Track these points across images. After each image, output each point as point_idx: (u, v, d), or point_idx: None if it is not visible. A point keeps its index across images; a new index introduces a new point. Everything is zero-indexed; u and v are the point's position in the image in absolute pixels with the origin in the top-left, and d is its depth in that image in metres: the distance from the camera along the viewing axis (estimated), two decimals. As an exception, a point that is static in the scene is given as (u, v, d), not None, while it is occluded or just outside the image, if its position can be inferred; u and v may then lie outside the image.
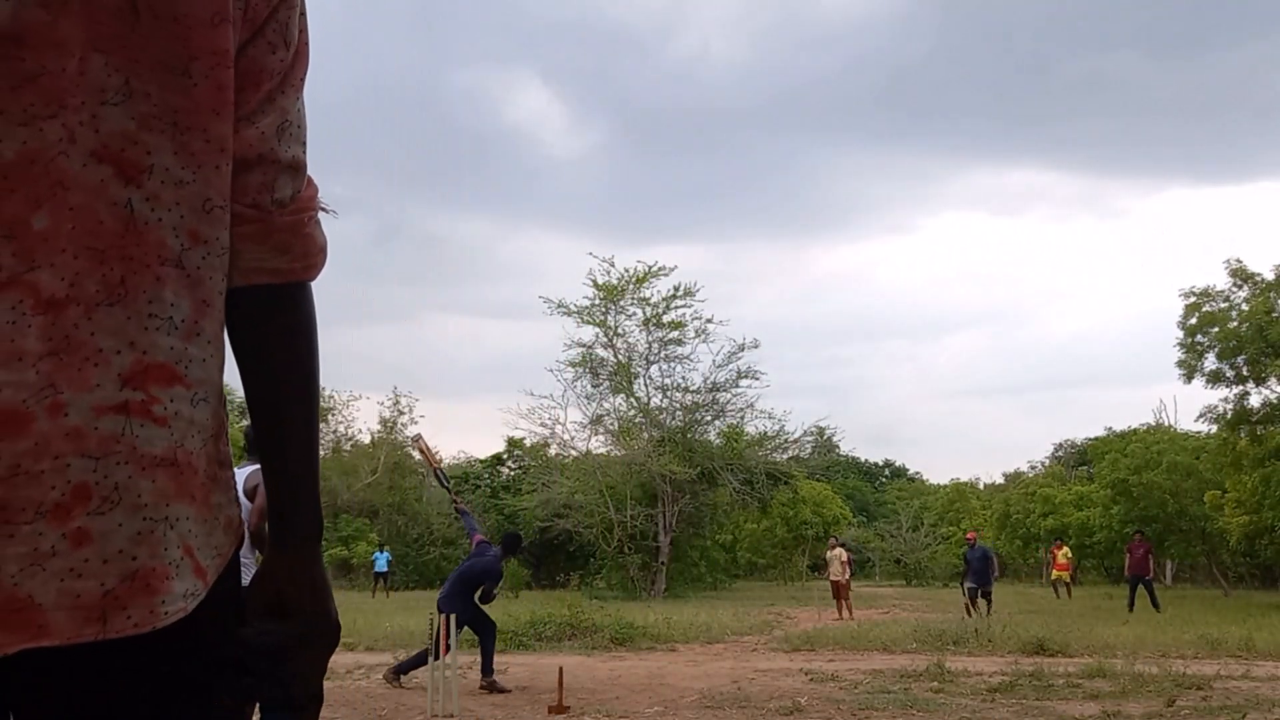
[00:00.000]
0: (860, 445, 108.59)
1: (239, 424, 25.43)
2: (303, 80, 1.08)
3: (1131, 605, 21.50)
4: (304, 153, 1.08)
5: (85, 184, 0.90)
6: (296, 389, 1.06)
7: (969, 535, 22.23)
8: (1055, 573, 29.56)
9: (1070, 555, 30.95)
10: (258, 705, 1.06)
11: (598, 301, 29.87)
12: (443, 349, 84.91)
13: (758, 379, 30.16)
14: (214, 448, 0.99)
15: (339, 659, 11.79)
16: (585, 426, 30.97)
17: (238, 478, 5.74)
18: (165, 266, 0.94)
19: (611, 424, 30.74)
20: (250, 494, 5.08)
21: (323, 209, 1.12)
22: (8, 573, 0.86)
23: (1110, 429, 42.38)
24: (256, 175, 1.04)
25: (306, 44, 1.09)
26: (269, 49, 1.03)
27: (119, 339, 0.91)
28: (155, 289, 0.93)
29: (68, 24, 0.90)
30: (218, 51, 0.97)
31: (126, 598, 0.89)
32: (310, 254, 1.09)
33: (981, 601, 20.16)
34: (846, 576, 21.16)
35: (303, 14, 1.08)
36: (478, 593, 9.21)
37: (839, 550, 21.83)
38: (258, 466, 3.92)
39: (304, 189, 1.08)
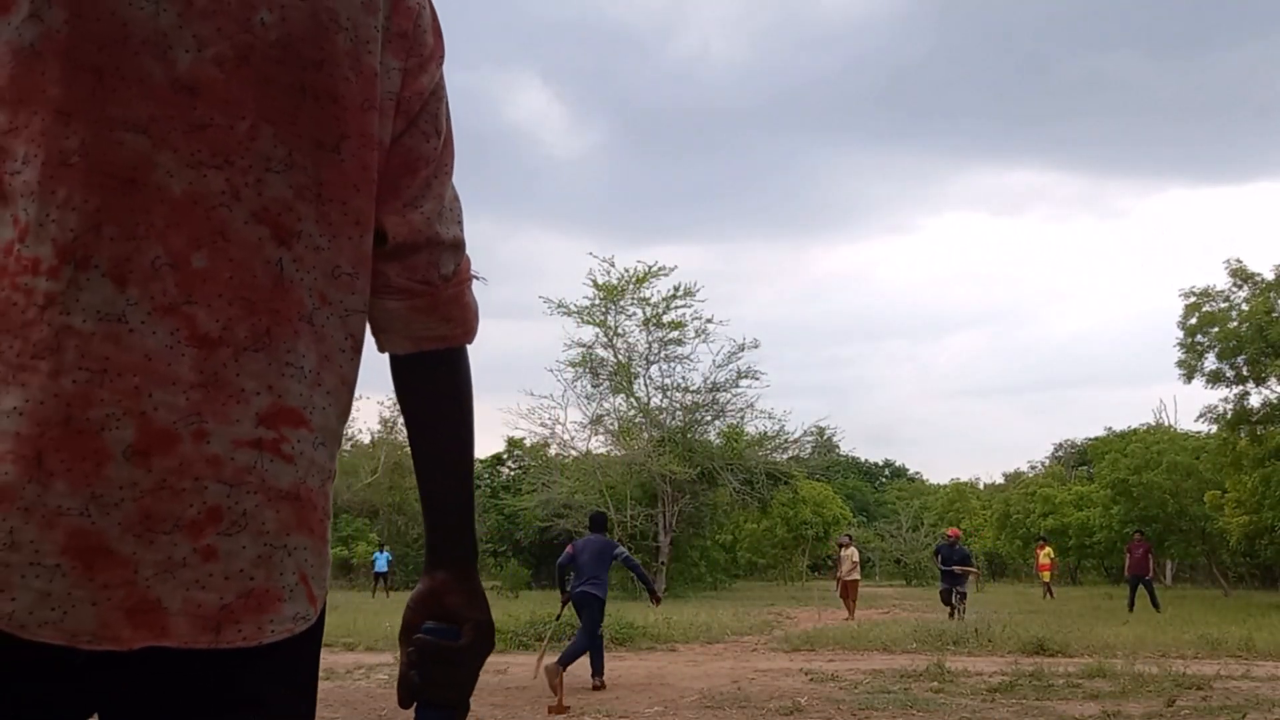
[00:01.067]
0: (860, 445, 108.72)
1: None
2: (452, 166, 1.22)
3: (1131, 605, 21.50)
4: (462, 231, 1.22)
5: (245, 240, 0.99)
6: (462, 441, 1.22)
7: (951, 531, 21.32)
8: (1040, 573, 29.61)
9: (1053, 555, 30.94)
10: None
11: (598, 301, 29.88)
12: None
13: (758, 379, 30.18)
14: (328, 494, 1.09)
15: (339, 659, 11.79)
16: (585, 426, 30.98)
17: None
18: (301, 322, 1.03)
19: (611, 424, 30.75)
20: None
21: (475, 277, 1.25)
22: (143, 575, 0.94)
23: (1110, 429, 42.43)
24: (424, 255, 1.16)
25: (452, 133, 1.22)
26: (423, 138, 1.16)
27: (259, 382, 0.99)
28: (292, 341, 1.02)
29: (239, 88, 1.00)
30: (366, 134, 1.08)
31: (240, 613, 0.98)
32: (469, 321, 1.23)
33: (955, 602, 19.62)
34: (857, 576, 21.18)
35: (447, 105, 1.22)
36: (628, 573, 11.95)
37: (852, 549, 21.81)
38: None
39: (464, 264, 1.22)
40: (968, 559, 19.32)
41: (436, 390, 1.21)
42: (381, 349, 1.22)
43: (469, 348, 1.25)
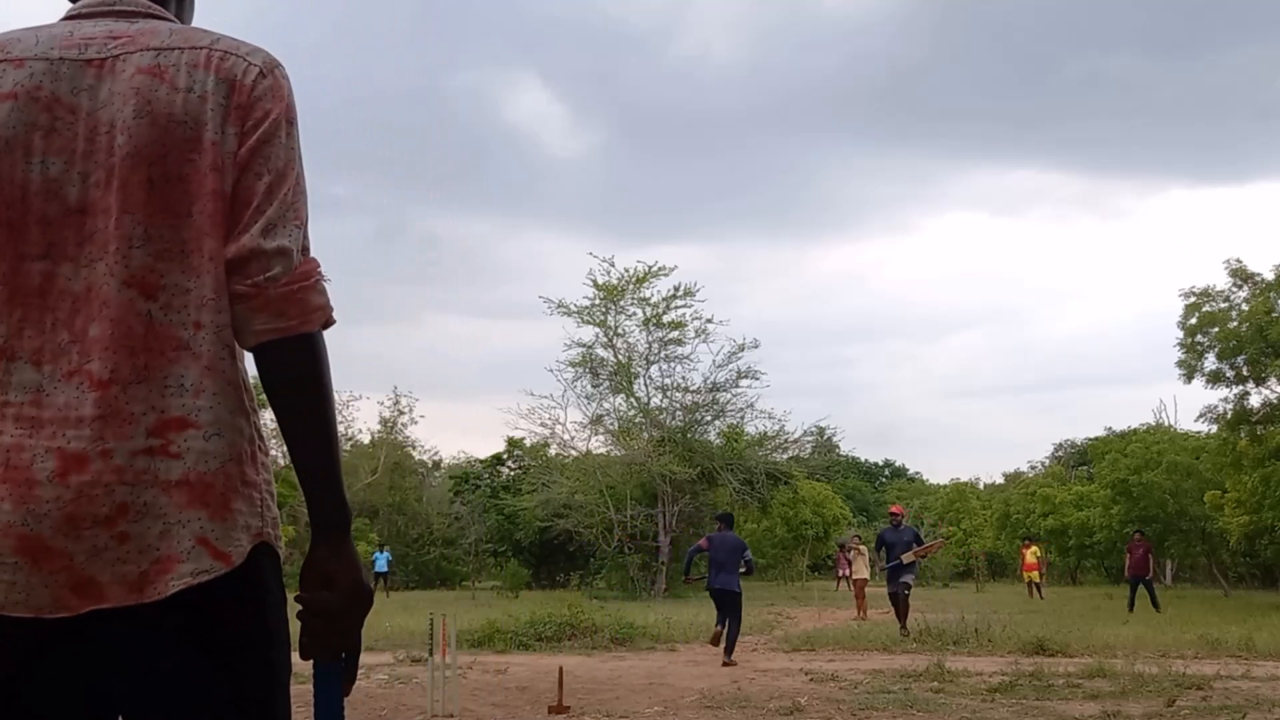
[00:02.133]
0: (860, 445, 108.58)
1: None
2: (291, 188, 1.47)
3: (1131, 605, 21.50)
4: (294, 237, 1.45)
5: (120, 303, 1.38)
6: (312, 419, 1.44)
7: (894, 509, 16.56)
8: (1025, 573, 29.58)
9: (1040, 554, 30.90)
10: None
11: (598, 301, 29.88)
12: (443, 349, 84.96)
13: (758, 379, 30.17)
14: (235, 469, 1.41)
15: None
16: (585, 426, 31.00)
17: None
18: (176, 351, 1.39)
19: (611, 424, 30.75)
20: None
21: (321, 279, 1.47)
22: (77, 561, 1.32)
23: (1110, 429, 42.43)
24: (253, 265, 1.42)
25: (292, 162, 1.48)
26: (255, 178, 1.45)
27: (145, 404, 1.37)
28: (169, 368, 1.39)
29: (109, 197, 1.40)
30: (213, 191, 1.42)
31: (154, 575, 1.34)
32: (306, 313, 1.44)
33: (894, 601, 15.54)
34: (866, 575, 21.19)
35: (289, 135, 1.49)
36: (742, 567, 12.05)
37: (862, 546, 21.77)
38: None
39: (298, 266, 1.44)
40: (919, 540, 15.15)
41: (283, 375, 1.44)
42: (240, 347, 1.46)
43: (325, 335, 1.49)
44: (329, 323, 1.48)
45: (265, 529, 1.44)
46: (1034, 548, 30.58)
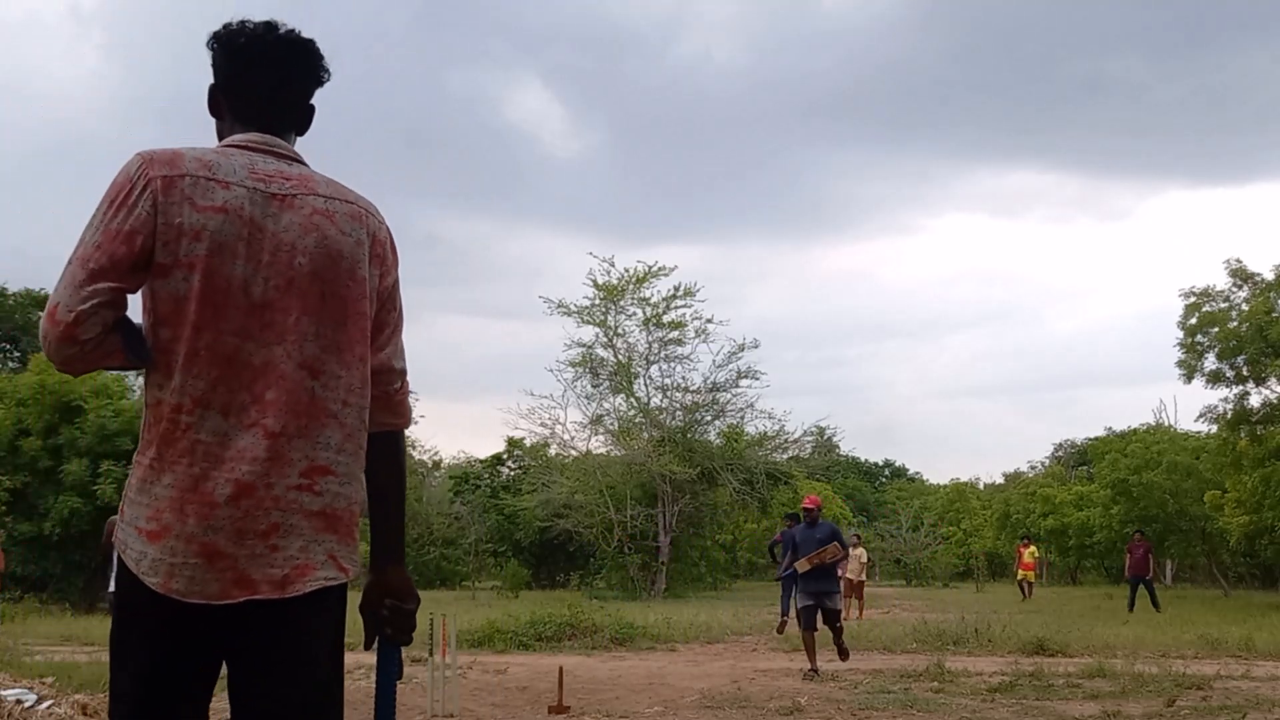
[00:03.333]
0: (860, 445, 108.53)
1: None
2: (403, 326, 2.13)
3: (1131, 605, 21.49)
4: (405, 364, 2.12)
5: (293, 379, 1.92)
6: (397, 487, 2.13)
7: (809, 501, 11.95)
8: (1020, 572, 29.60)
9: (1036, 554, 30.85)
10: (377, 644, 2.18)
11: (598, 301, 29.85)
12: (443, 349, 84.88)
13: (758, 379, 30.14)
14: (354, 511, 2.00)
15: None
16: (585, 426, 30.96)
17: None
18: (329, 418, 1.96)
19: (611, 424, 30.72)
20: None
21: (412, 393, 2.17)
22: (240, 563, 1.86)
23: (1110, 429, 42.39)
24: (385, 376, 2.09)
25: (402, 306, 2.14)
26: (388, 312, 2.11)
27: (301, 454, 1.92)
28: (321, 430, 1.95)
29: (289, 299, 1.94)
30: (362, 314, 2.02)
31: (294, 577, 1.90)
32: (407, 415, 2.16)
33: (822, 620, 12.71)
34: (863, 576, 21.20)
35: (399, 290, 2.13)
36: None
37: (860, 550, 21.82)
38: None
39: (404, 381, 2.13)
40: (836, 537, 10.99)
41: (386, 455, 2.11)
42: (372, 424, 2.08)
43: (406, 432, 2.20)
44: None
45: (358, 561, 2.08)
46: (1031, 547, 30.60)
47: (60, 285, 1.87)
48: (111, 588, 2.03)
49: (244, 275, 1.91)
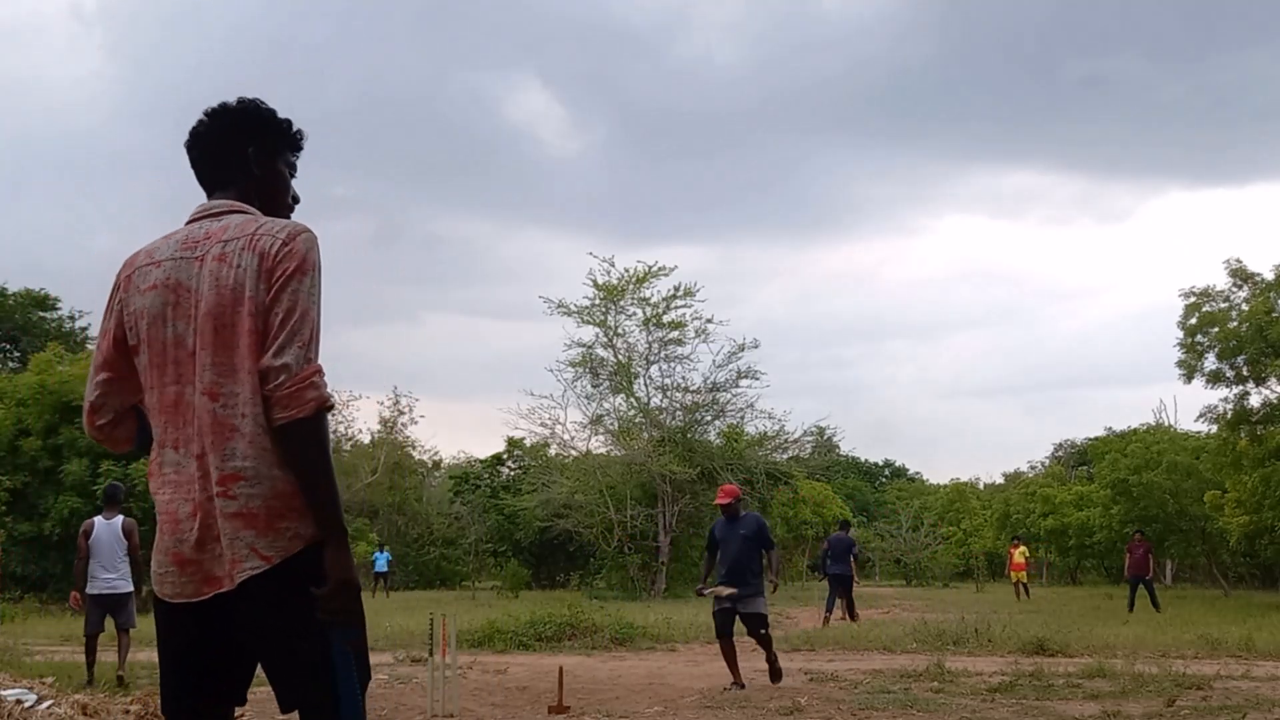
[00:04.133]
0: (860, 445, 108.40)
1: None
2: (296, 312, 2.29)
3: (1131, 605, 21.49)
4: (296, 355, 2.26)
5: (201, 406, 2.30)
6: (313, 472, 2.28)
7: (724, 493, 9.82)
8: (1013, 574, 29.59)
9: (1027, 554, 30.78)
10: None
11: (598, 301, 29.84)
12: (443, 349, 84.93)
13: (758, 379, 30.11)
14: (276, 502, 2.28)
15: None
16: (585, 426, 30.95)
17: (107, 528, 9.82)
18: (233, 432, 2.28)
19: (611, 424, 30.71)
20: (127, 535, 9.52)
21: (315, 379, 2.28)
22: (205, 565, 2.28)
23: (1110, 429, 42.39)
24: (265, 375, 2.27)
25: (299, 299, 2.31)
26: (273, 316, 2.29)
27: (214, 465, 2.27)
28: (229, 443, 2.28)
29: (200, 341, 2.31)
30: (250, 331, 2.28)
31: (232, 570, 2.26)
32: (302, 405, 2.25)
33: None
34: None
35: (299, 282, 2.32)
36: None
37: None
38: (123, 518, 9.84)
39: (298, 373, 2.26)
40: (762, 532, 9.53)
41: (289, 446, 2.28)
42: (270, 424, 2.28)
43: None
44: (326, 407, 2.26)
45: (315, 536, 2.28)
46: (1022, 547, 30.63)
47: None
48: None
49: (177, 333, 2.36)
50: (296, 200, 2.66)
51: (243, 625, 2.31)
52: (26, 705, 6.21)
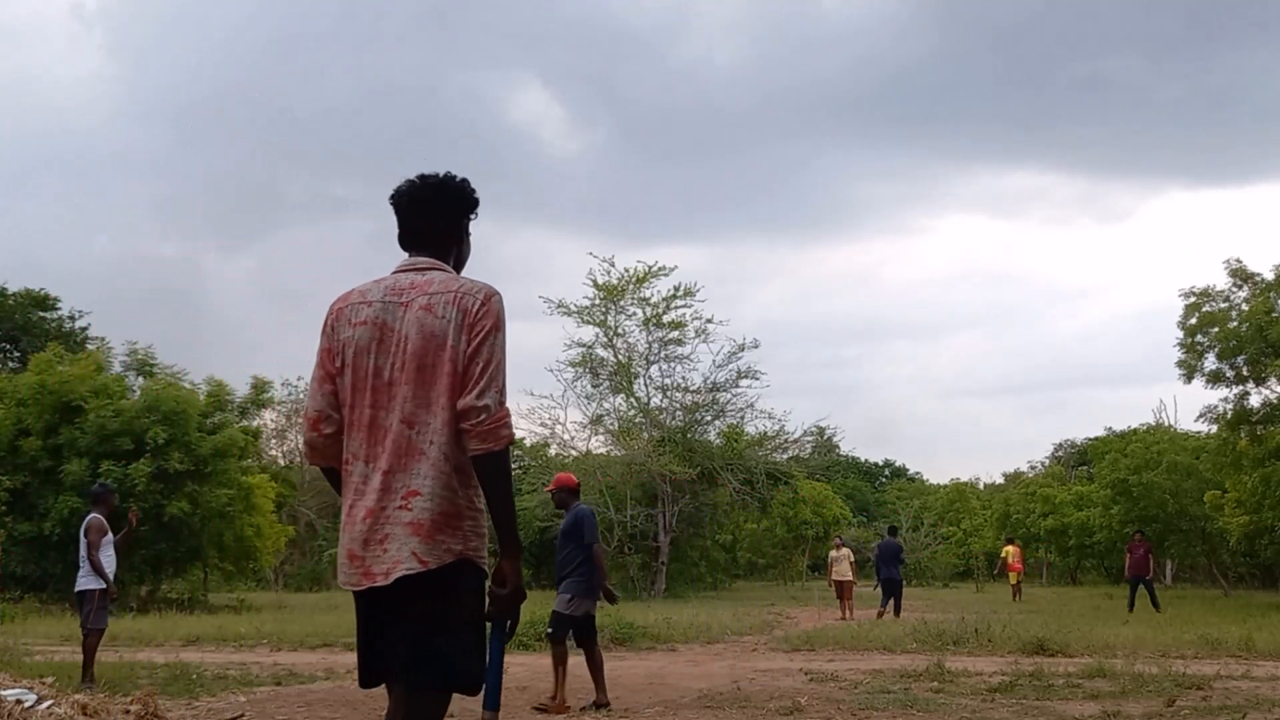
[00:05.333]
0: (860, 445, 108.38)
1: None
2: (492, 366, 2.77)
3: (1131, 605, 21.49)
4: (492, 398, 2.74)
5: (395, 432, 2.79)
6: (498, 496, 2.78)
7: (560, 479, 8.96)
8: (1011, 574, 29.59)
9: (1014, 554, 30.63)
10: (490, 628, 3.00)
11: (598, 301, 29.85)
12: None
13: (758, 379, 30.13)
14: (440, 519, 2.74)
15: (339, 659, 11.80)
16: (585, 426, 30.97)
17: (111, 533, 9.83)
18: (420, 456, 2.76)
19: (611, 424, 30.72)
20: (85, 534, 9.48)
21: (504, 421, 2.74)
22: (367, 562, 2.77)
23: (1110, 429, 42.40)
24: (465, 415, 2.73)
25: (494, 351, 2.78)
26: (475, 364, 2.75)
27: (401, 483, 2.77)
28: (415, 465, 2.77)
29: (402, 375, 2.80)
30: (449, 375, 2.76)
31: (392, 569, 2.73)
32: (497, 440, 2.73)
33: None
34: (850, 577, 21.25)
35: (494, 338, 2.79)
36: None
37: (846, 550, 21.87)
38: (90, 515, 9.80)
39: (494, 414, 2.73)
40: (580, 525, 8.48)
41: (483, 472, 2.77)
42: (462, 454, 2.78)
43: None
44: (511, 441, 2.74)
45: (465, 552, 2.77)
46: (1009, 547, 30.67)
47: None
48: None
49: (377, 365, 2.82)
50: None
51: (393, 615, 2.77)
52: (26, 705, 6.20)
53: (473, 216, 3.10)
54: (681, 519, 29.42)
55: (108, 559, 9.56)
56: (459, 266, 3.05)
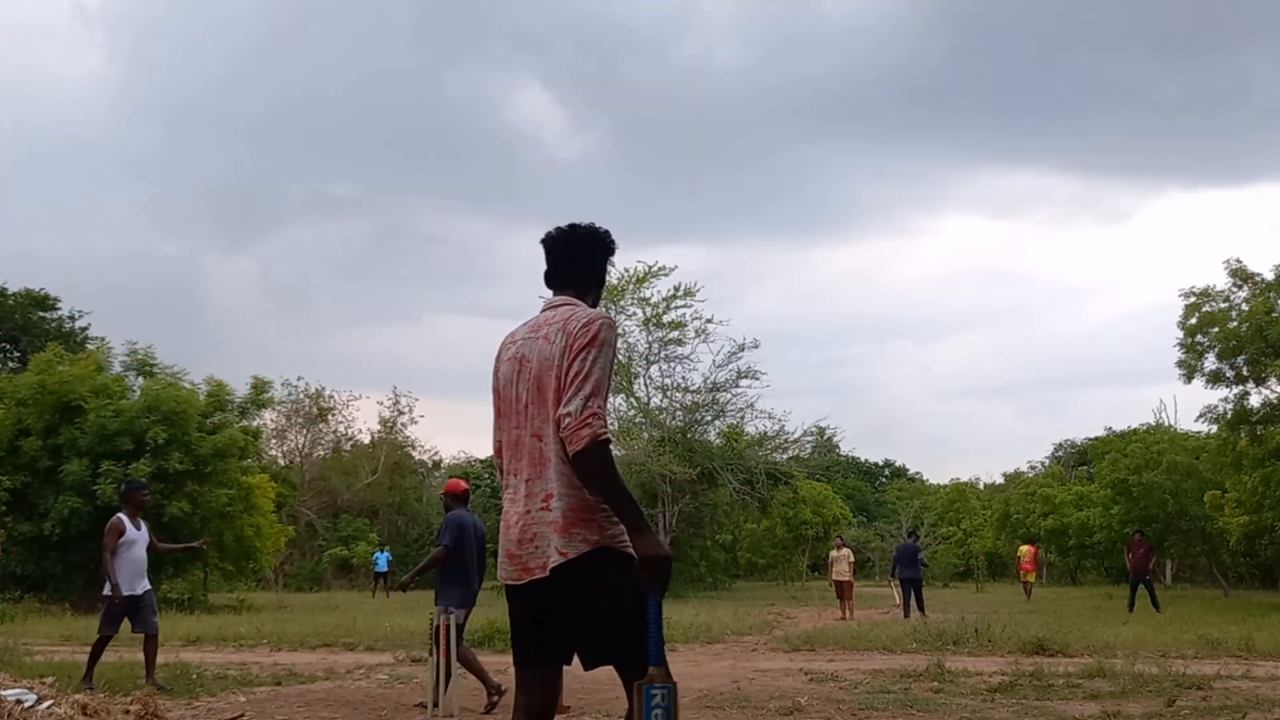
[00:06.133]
0: (860, 445, 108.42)
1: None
2: (583, 374, 3.07)
3: (1131, 605, 21.50)
4: (575, 404, 3.01)
5: (529, 446, 3.22)
6: (603, 488, 3.03)
7: (451, 485, 9.08)
8: (1022, 572, 29.64)
9: (1027, 554, 30.65)
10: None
11: (598, 301, 29.82)
12: (443, 349, 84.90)
13: (758, 379, 30.13)
14: (572, 514, 3.07)
15: (339, 659, 11.79)
16: (585, 426, 30.92)
17: (135, 531, 9.57)
18: (546, 464, 3.15)
19: (611, 424, 30.70)
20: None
21: (597, 418, 3.01)
22: (522, 559, 3.17)
23: (1110, 429, 42.40)
24: (558, 424, 3.06)
25: (586, 360, 3.09)
26: (566, 378, 3.09)
27: (539, 488, 3.15)
28: (546, 472, 3.14)
29: (528, 395, 3.23)
30: (556, 390, 3.12)
31: (546, 563, 3.10)
32: (577, 441, 2.97)
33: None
34: (850, 577, 21.29)
35: (588, 352, 3.10)
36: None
37: (846, 550, 21.89)
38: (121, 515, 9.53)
39: (579, 415, 2.99)
40: (464, 538, 8.34)
41: (580, 469, 3.04)
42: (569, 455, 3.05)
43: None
44: (597, 440, 2.96)
45: (602, 541, 3.05)
46: (1027, 547, 30.70)
47: None
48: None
49: (518, 392, 3.25)
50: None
51: (557, 604, 3.13)
52: (26, 705, 6.20)
53: (611, 262, 3.60)
54: (682, 519, 29.42)
55: (128, 561, 9.21)
56: (595, 303, 3.42)
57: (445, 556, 8.20)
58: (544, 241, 3.44)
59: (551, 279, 3.44)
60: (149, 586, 9.59)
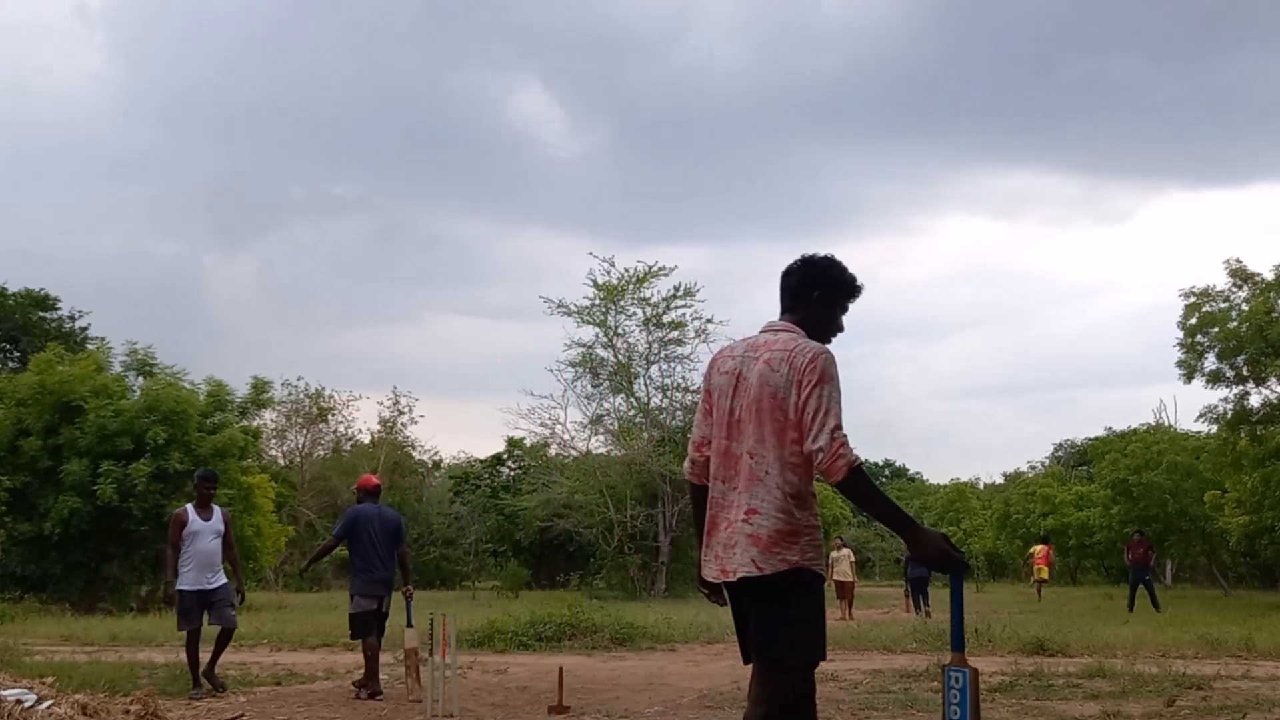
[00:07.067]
0: (860, 445, 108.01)
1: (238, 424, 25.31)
2: (821, 410, 3.27)
3: (1131, 605, 21.50)
4: (823, 439, 3.23)
5: (743, 463, 3.45)
6: (869, 506, 3.31)
7: (365, 480, 10.19)
8: (1036, 568, 29.72)
9: (1039, 553, 30.64)
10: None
11: (598, 301, 29.85)
12: (443, 349, 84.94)
13: (758, 379, 30.09)
14: (777, 535, 3.33)
15: (339, 659, 11.79)
16: (585, 426, 30.96)
17: (201, 522, 9.15)
18: (758, 482, 3.39)
19: (611, 424, 30.71)
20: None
21: (845, 449, 3.22)
22: (724, 561, 3.44)
23: (1110, 429, 42.35)
24: (813, 459, 3.27)
25: (819, 399, 3.29)
26: (806, 414, 3.29)
27: (744, 499, 3.41)
28: (755, 488, 3.39)
29: (748, 414, 3.45)
30: (782, 418, 3.36)
31: (737, 570, 3.37)
32: (836, 472, 3.21)
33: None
34: (851, 577, 21.30)
35: (820, 388, 3.30)
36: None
37: (846, 550, 21.90)
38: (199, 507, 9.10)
39: (829, 451, 3.21)
40: (397, 535, 9.47)
41: (848, 494, 3.22)
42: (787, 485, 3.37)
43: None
44: (853, 466, 3.17)
45: (800, 561, 3.30)
46: (1040, 547, 30.72)
47: None
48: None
49: (732, 406, 3.47)
50: (841, 329, 3.67)
51: (746, 606, 3.39)
52: (26, 705, 6.20)
53: (839, 296, 3.67)
54: (682, 519, 29.39)
55: (193, 554, 8.83)
56: (817, 335, 3.54)
57: (333, 545, 9.49)
58: (786, 272, 3.69)
59: (782, 301, 3.68)
60: (224, 580, 9.18)
